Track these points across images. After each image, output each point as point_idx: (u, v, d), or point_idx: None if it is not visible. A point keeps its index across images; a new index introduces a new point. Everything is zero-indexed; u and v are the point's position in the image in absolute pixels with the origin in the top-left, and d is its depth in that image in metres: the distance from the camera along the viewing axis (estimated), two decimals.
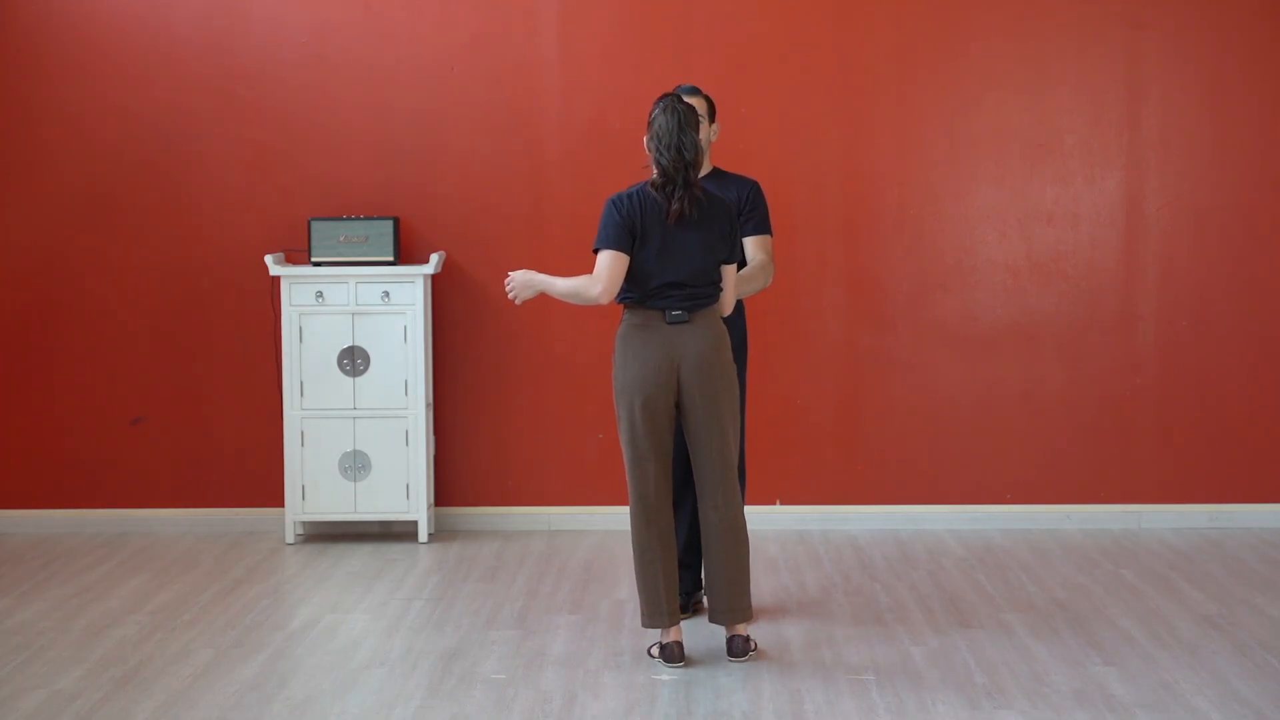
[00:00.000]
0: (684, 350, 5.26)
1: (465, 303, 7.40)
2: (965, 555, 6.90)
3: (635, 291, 5.29)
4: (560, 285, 5.36)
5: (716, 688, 5.14)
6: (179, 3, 7.34)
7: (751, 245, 5.82)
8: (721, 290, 5.36)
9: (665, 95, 5.34)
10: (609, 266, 5.23)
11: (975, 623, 5.85)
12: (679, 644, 5.35)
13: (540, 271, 5.56)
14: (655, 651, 5.41)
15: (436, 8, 7.36)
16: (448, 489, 7.46)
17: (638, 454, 5.32)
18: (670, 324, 5.26)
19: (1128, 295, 7.38)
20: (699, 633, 5.70)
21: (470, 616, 6.00)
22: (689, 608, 5.87)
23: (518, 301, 5.45)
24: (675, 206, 5.21)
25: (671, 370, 5.27)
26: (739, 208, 5.76)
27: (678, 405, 5.34)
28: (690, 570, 5.91)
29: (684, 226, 5.23)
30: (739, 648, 5.40)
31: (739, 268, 5.58)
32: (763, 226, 5.84)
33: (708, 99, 5.84)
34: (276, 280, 7.21)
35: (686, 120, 5.23)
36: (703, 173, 5.74)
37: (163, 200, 7.38)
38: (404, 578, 6.60)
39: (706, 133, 5.75)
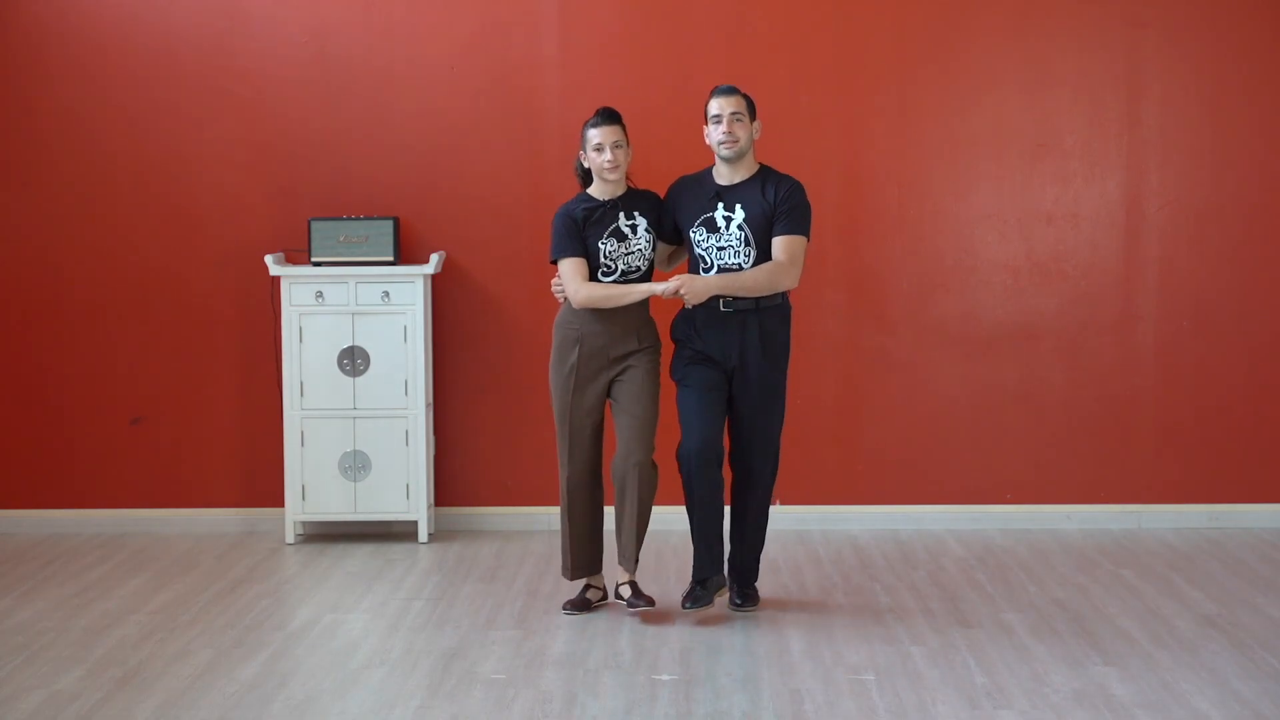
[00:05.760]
0: None
1: (465, 303, 7.40)
2: (965, 555, 6.90)
3: None
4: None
5: (716, 688, 5.14)
6: (179, 3, 7.34)
7: (774, 246, 5.82)
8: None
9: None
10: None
11: (975, 623, 5.85)
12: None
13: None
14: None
15: (437, 8, 7.36)
16: (448, 489, 7.46)
17: None
18: None
19: (1128, 295, 7.38)
20: (700, 632, 5.71)
21: (470, 616, 6.00)
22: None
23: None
24: None
25: None
26: (773, 207, 5.80)
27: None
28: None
29: None
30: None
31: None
32: (790, 227, 5.81)
33: (746, 97, 5.86)
34: (276, 280, 7.21)
35: None
36: (749, 172, 5.86)
37: (162, 200, 7.38)
38: (404, 578, 6.60)
39: (749, 131, 5.82)
